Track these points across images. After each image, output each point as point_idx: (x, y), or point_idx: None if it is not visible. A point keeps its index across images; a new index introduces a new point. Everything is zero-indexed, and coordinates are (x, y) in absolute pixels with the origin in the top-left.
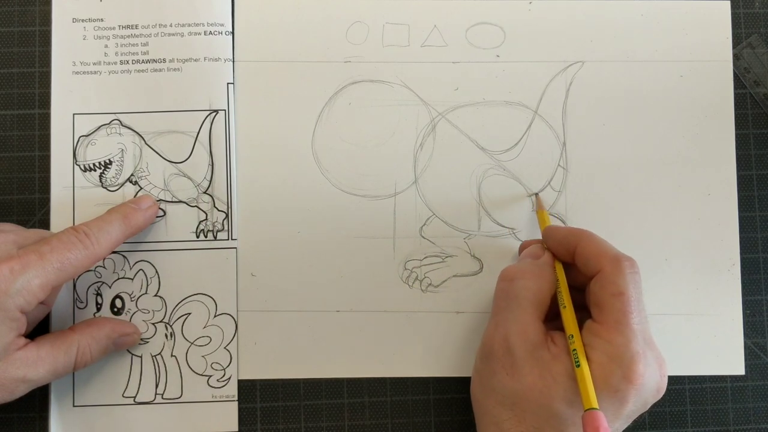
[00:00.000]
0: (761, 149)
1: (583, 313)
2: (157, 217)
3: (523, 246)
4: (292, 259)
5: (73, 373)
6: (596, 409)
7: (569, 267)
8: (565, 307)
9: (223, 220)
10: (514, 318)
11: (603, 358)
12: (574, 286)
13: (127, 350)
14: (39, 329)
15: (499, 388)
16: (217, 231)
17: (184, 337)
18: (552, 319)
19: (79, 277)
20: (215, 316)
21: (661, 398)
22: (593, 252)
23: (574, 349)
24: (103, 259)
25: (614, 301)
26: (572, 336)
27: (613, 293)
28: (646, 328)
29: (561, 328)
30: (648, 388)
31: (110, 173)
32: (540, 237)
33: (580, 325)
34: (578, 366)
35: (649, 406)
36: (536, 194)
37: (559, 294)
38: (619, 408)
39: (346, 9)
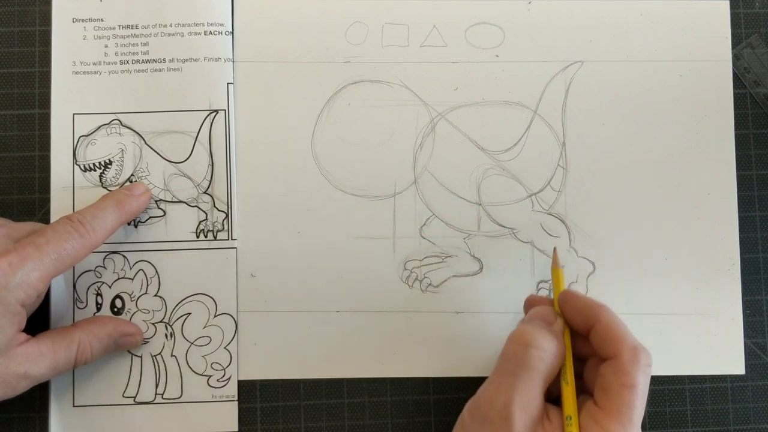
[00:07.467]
0: (761, 149)
1: (577, 383)
2: (157, 217)
3: (530, 302)
4: (292, 259)
5: (74, 373)
6: None
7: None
8: (567, 383)
9: (223, 220)
10: (523, 387)
11: None
12: (574, 355)
13: (128, 350)
14: (39, 329)
15: None
16: (217, 231)
17: (184, 337)
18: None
19: (79, 277)
20: (215, 316)
21: (661, 398)
22: (613, 335)
23: None
24: (103, 259)
25: (623, 391)
26: (570, 417)
27: (625, 384)
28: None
29: (554, 398)
30: None
31: (110, 173)
32: (546, 293)
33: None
34: None
35: None
36: (554, 248)
37: (563, 368)
38: None
39: (346, 9)
